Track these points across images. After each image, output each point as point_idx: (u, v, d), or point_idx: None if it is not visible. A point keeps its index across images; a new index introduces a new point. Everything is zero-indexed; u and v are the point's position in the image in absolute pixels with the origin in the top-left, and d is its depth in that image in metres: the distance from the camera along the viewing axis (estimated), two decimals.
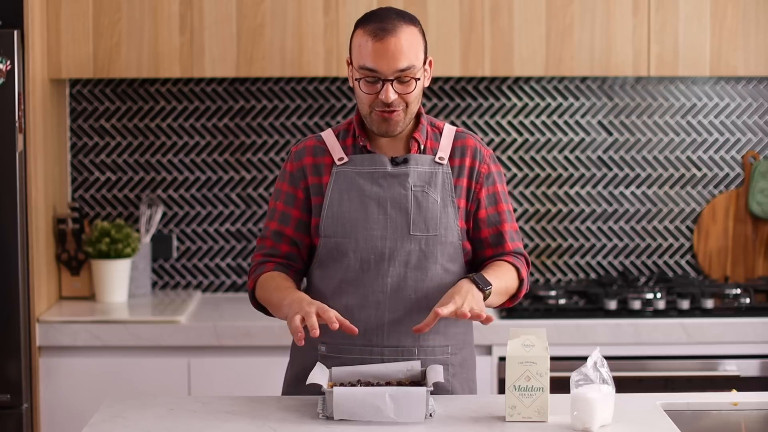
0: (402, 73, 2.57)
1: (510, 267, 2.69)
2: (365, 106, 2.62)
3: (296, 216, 2.71)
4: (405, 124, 2.63)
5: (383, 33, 2.56)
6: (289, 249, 2.72)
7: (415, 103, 2.63)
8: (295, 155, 2.73)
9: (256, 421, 2.42)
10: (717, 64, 3.87)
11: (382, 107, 2.59)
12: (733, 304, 3.86)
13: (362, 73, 2.59)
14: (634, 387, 3.64)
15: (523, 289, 2.72)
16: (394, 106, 2.59)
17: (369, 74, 2.58)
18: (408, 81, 2.59)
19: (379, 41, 2.56)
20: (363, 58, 2.58)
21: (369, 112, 2.62)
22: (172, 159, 4.17)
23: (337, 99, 4.16)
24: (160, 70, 3.84)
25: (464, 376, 2.73)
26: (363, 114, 2.64)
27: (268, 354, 3.65)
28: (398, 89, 2.58)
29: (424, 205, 2.65)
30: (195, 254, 4.20)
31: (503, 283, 2.65)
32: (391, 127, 2.62)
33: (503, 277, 2.66)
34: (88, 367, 3.67)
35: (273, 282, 2.66)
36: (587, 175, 4.20)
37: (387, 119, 2.60)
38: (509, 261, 2.70)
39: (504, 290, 2.66)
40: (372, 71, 2.57)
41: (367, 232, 2.64)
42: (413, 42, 2.58)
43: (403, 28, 2.57)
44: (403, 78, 2.58)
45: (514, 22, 3.84)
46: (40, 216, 3.72)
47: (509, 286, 2.68)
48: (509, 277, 2.68)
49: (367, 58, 2.57)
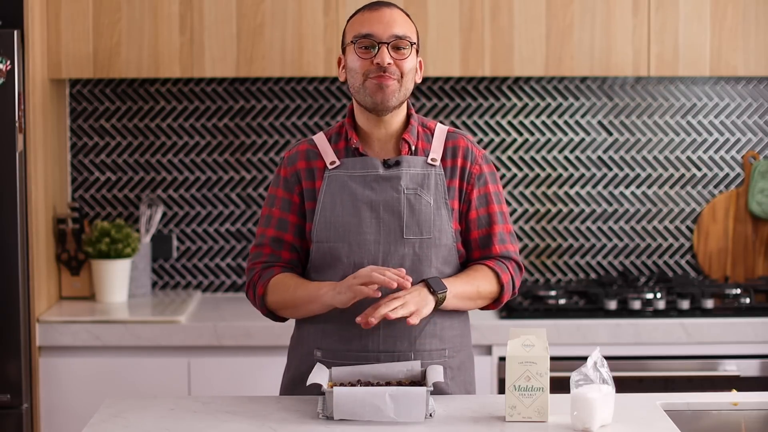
0: (397, 40, 2.59)
1: (488, 271, 2.67)
2: (359, 75, 2.60)
3: (294, 221, 2.69)
4: (399, 98, 2.61)
5: (378, 5, 2.64)
6: (290, 255, 2.70)
7: (410, 78, 2.62)
8: (289, 160, 2.71)
9: (256, 421, 2.42)
10: (717, 64, 3.87)
11: (376, 73, 2.58)
12: (733, 304, 3.86)
13: (358, 42, 2.60)
14: (634, 387, 3.64)
15: (506, 293, 2.69)
16: (389, 73, 2.58)
17: (364, 40, 2.59)
18: (403, 48, 2.60)
19: (374, 10, 2.62)
20: (357, 28, 2.61)
21: (362, 81, 2.60)
22: (172, 159, 4.17)
23: (337, 99, 4.16)
24: (160, 70, 3.84)
25: (462, 379, 2.72)
26: (356, 88, 2.62)
27: (268, 354, 3.65)
28: (393, 55, 2.59)
29: (417, 208, 2.63)
30: (195, 254, 4.20)
31: (472, 288, 2.63)
32: (386, 96, 2.59)
33: (474, 282, 2.64)
34: (88, 367, 3.67)
35: (292, 281, 2.64)
36: (587, 175, 4.20)
37: (382, 86, 2.58)
38: (489, 265, 2.68)
39: (474, 294, 2.64)
40: (367, 36, 2.59)
41: (360, 237, 2.62)
42: (407, 20, 2.64)
43: (397, 9, 2.65)
44: (399, 44, 2.60)
45: (514, 22, 3.84)
46: (40, 216, 3.72)
47: (482, 290, 2.65)
48: (483, 281, 2.65)
49: (363, 26, 2.60)
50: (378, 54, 2.58)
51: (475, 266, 2.69)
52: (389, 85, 2.59)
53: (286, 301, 2.64)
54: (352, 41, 2.61)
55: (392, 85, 2.59)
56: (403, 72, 2.60)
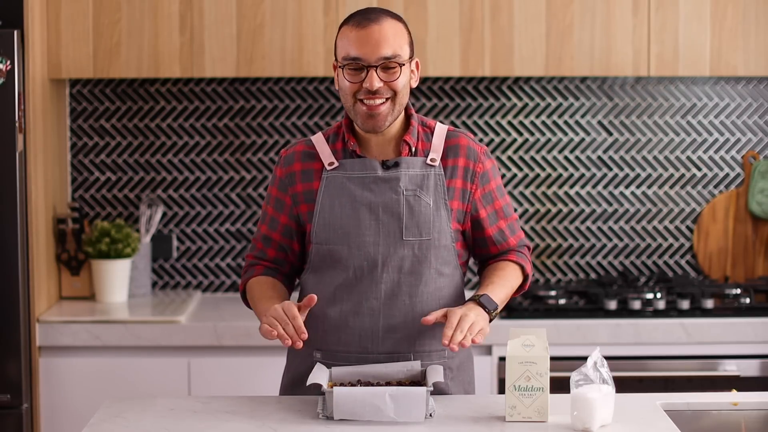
0: (386, 61, 2.52)
1: (515, 267, 2.72)
2: (349, 96, 2.56)
3: (283, 222, 2.70)
4: (393, 117, 2.58)
5: (366, 21, 2.54)
6: (275, 254, 2.73)
7: (403, 93, 2.57)
8: (285, 160, 2.70)
9: (256, 421, 2.42)
10: (717, 64, 3.87)
11: (366, 95, 2.54)
12: (733, 304, 3.86)
13: (347, 63, 2.54)
14: (634, 387, 3.64)
15: (528, 281, 2.76)
16: (379, 94, 2.54)
17: (353, 63, 2.53)
18: (393, 69, 2.54)
19: (362, 29, 2.53)
20: (346, 48, 2.54)
21: (353, 104, 2.56)
22: (172, 159, 4.17)
23: (337, 99, 4.16)
24: (160, 70, 3.84)
25: (462, 379, 2.72)
26: (347, 108, 2.59)
27: (268, 354, 3.65)
28: (383, 77, 2.53)
29: (416, 209, 2.62)
30: (195, 254, 4.20)
31: (509, 290, 2.69)
32: (378, 123, 2.56)
33: (508, 283, 2.68)
34: (88, 367, 3.67)
35: (258, 289, 2.69)
36: (587, 175, 4.20)
37: (373, 114, 2.55)
38: (513, 260, 2.72)
39: (510, 293, 2.70)
40: (355, 59, 2.53)
41: (359, 239, 2.61)
42: (397, 32, 2.55)
43: (387, 19, 2.55)
44: (388, 65, 2.53)
45: (514, 21, 3.84)
46: (40, 216, 3.72)
47: (514, 286, 2.71)
48: (513, 278, 2.70)
49: (351, 47, 2.53)
50: (367, 78, 2.52)
51: (501, 264, 2.72)
52: (380, 111, 2.55)
53: (253, 306, 2.70)
54: (341, 65, 2.57)
55: (384, 110, 2.55)
56: (395, 90, 2.55)
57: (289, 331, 2.47)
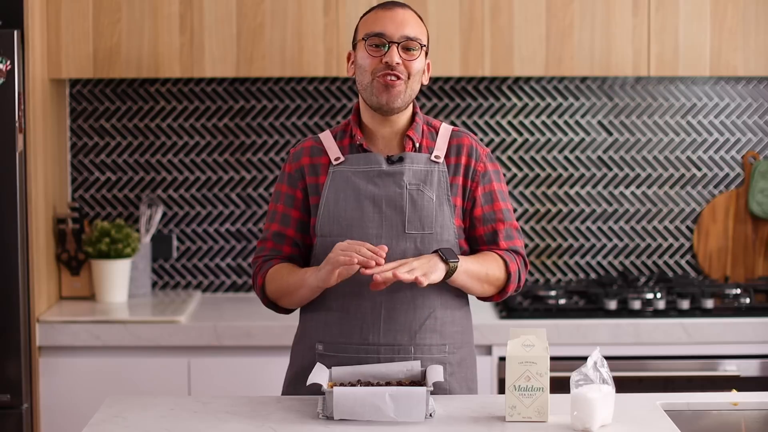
0: (408, 41, 2.63)
1: (496, 257, 2.69)
2: (367, 73, 2.64)
3: (296, 216, 2.72)
4: (404, 100, 2.65)
5: (392, 4, 2.68)
6: (291, 250, 2.73)
7: (416, 79, 2.66)
8: (293, 156, 2.75)
9: (256, 421, 2.42)
10: (717, 64, 3.87)
11: (384, 71, 2.62)
12: (733, 304, 3.86)
13: (369, 39, 2.64)
14: (634, 387, 3.64)
15: (512, 283, 2.70)
16: (397, 72, 2.61)
17: (375, 39, 2.63)
18: (413, 50, 2.64)
19: (388, 9, 2.66)
20: (370, 26, 2.65)
21: (371, 80, 2.64)
22: (172, 159, 4.17)
23: (337, 99, 4.16)
24: (160, 70, 3.84)
25: (463, 376, 2.73)
26: (363, 85, 2.65)
27: (268, 354, 3.65)
28: (403, 55, 2.63)
29: (419, 203, 2.65)
30: (195, 254, 4.20)
31: (482, 269, 2.65)
32: (392, 97, 2.63)
33: (484, 264, 2.66)
34: (88, 367, 3.67)
35: (285, 269, 2.68)
36: (587, 175, 4.20)
37: (388, 87, 2.62)
38: (499, 254, 2.70)
39: (483, 276, 2.65)
40: (378, 35, 2.62)
41: (362, 231, 2.64)
42: (419, 22, 2.68)
43: (410, 10, 2.69)
44: (409, 45, 2.63)
45: (514, 22, 3.84)
46: (40, 216, 3.72)
47: (491, 274, 2.67)
48: (493, 265, 2.67)
49: (375, 24, 2.64)
50: (388, 53, 2.62)
51: (484, 252, 2.71)
52: (396, 86, 2.62)
53: (281, 289, 2.68)
54: (363, 38, 2.65)
55: (399, 86, 2.62)
56: (410, 72, 2.64)
57: (366, 255, 2.49)
